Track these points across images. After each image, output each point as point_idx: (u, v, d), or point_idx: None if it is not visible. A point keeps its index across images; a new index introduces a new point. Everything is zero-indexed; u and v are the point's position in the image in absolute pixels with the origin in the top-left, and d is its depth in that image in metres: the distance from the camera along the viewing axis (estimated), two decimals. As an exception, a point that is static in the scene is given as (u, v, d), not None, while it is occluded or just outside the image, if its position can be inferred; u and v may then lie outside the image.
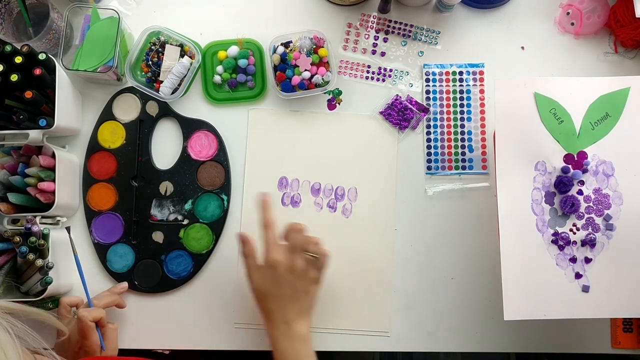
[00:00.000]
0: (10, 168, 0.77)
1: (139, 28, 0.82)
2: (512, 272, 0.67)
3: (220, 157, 0.83)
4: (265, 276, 0.72)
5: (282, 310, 0.71)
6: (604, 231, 0.69)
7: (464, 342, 0.81)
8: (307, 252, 0.71)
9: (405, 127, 0.84)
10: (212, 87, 0.84)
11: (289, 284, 0.71)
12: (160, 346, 0.83)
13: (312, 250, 0.72)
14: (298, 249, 0.71)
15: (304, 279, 0.71)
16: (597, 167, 0.69)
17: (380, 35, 0.86)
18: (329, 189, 0.84)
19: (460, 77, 0.85)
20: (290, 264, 0.71)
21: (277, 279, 0.71)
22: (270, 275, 0.71)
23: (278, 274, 0.71)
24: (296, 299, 0.71)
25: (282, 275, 0.70)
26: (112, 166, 0.83)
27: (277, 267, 0.70)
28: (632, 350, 0.81)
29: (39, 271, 0.72)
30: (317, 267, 0.73)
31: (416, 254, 0.82)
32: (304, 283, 0.71)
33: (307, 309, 0.72)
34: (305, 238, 0.72)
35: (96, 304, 0.76)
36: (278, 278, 0.71)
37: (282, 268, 0.70)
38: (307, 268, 0.72)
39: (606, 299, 0.67)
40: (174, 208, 0.83)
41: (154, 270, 0.82)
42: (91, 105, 0.84)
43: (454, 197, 0.83)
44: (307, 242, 0.72)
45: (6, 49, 0.72)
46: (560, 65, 0.85)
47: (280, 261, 0.71)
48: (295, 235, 0.72)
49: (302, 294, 0.71)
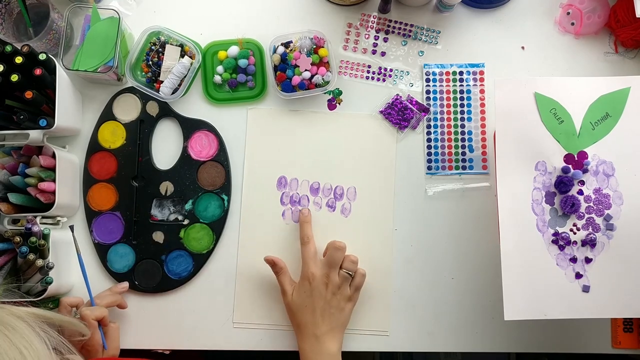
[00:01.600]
0: (11, 168, 0.77)
1: (139, 28, 0.82)
2: (512, 272, 0.67)
3: (221, 157, 0.83)
4: (300, 289, 0.74)
5: (313, 324, 0.73)
6: (605, 231, 0.69)
7: (464, 342, 0.82)
8: (344, 269, 0.74)
9: (405, 127, 0.84)
10: (212, 87, 0.84)
11: (323, 297, 0.73)
12: (161, 346, 0.83)
13: (348, 268, 0.74)
14: (335, 265, 0.74)
15: (338, 295, 0.74)
16: (597, 167, 0.69)
17: (380, 35, 0.86)
18: (328, 189, 0.84)
19: (461, 77, 0.85)
20: (325, 278, 0.73)
21: (311, 292, 0.73)
22: (306, 288, 0.74)
23: (313, 287, 0.73)
24: (329, 314, 0.73)
25: (317, 289, 0.73)
26: (112, 166, 0.83)
27: (312, 280, 0.73)
28: (632, 350, 0.81)
29: (39, 271, 0.72)
30: (353, 285, 0.75)
31: (416, 253, 0.82)
32: (338, 299, 0.74)
33: (339, 326, 0.74)
34: (344, 256, 0.75)
35: (98, 303, 0.76)
36: (312, 291, 0.73)
37: (317, 281, 0.73)
38: (342, 284, 0.74)
39: (606, 299, 0.67)
40: (174, 208, 0.83)
41: (155, 270, 0.82)
42: (91, 106, 0.84)
43: (454, 197, 0.83)
44: (345, 260, 0.75)
45: (6, 49, 0.72)
46: (561, 65, 0.85)
47: (316, 275, 0.73)
48: (335, 252, 0.74)
49: (335, 310, 0.73)
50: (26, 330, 0.48)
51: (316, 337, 0.72)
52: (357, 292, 0.76)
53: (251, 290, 0.82)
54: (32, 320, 0.50)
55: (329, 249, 0.75)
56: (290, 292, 0.75)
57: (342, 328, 0.75)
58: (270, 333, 0.82)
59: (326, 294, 0.73)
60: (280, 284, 0.76)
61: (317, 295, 0.73)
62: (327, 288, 0.73)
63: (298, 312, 0.74)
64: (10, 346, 0.45)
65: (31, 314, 0.51)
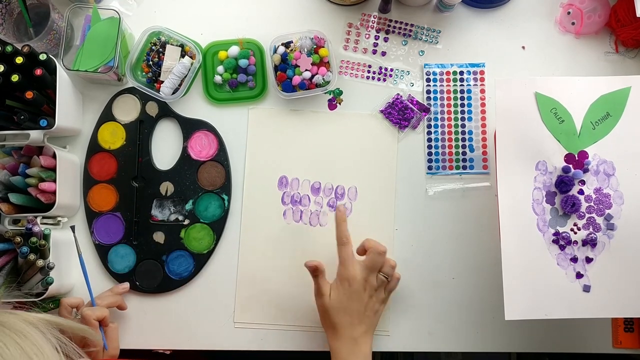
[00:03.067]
0: (11, 168, 0.77)
1: (139, 28, 0.82)
2: (513, 272, 0.67)
3: (221, 157, 0.83)
4: (339, 290, 0.73)
5: (351, 327, 0.72)
6: (605, 231, 0.69)
7: (464, 342, 0.81)
8: (382, 273, 0.74)
9: (405, 127, 0.84)
10: (212, 87, 0.84)
11: (361, 300, 0.73)
12: (162, 346, 0.83)
13: (387, 272, 0.74)
14: (375, 270, 0.73)
15: (374, 298, 0.74)
16: (598, 166, 0.69)
17: (380, 35, 0.86)
18: (329, 188, 0.84)
19: (461, 76, 0.85)
20: (364, 281, 0.73)
21: (350, 294, 0.72)
22: (345, 290, 0.73)
23: (353, 289, 0.72)
24: (365, 317, 0.73)
25: (357, 291, 0.72)
26: (112, 167, 0.83)
27: (353, 282, 0.72)
28: (633, 350, 0.81)
29: (39, 272, 0.72)
30: (388, 289, 0.76)
31: (417, 253, 0.82)
32: (374, 301, 0.74)
33: (372, 328, 0.74)
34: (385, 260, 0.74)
35: (99, 303, 0.76)
36: (352, 293, 0.72)
37: (357, 284, 0.72)
38: (380, 288, 0.74)
39: (607, 298, 0.67)
40: (174, 208, 0.83)
41: (155, 270, 0.82)
42: (92, 106, 0.84)
43: (454, 197, 0.83)
44: (385, 264, 0.74)
45: (7, 50, 0.72)
46: (561, 64, 0.85)
47: (356, 277, 0.73)
48: (377, 256, 0.73)
49: (370, 313, 0.73)
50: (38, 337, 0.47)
51: (354, 339, 0.72)
52: (389, 295, 0.76)
53: (252, 290, 0.82)
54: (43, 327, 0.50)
55: (371, 252, 0.73)
56: (328, 293, 0.74)
57: (374, 329, 0.75)
58: (272, 333, 0.82)
59: (364, 296, 0.73)
60: (318, 285, 0.74)
61: (356, 297, 0.72)
62: (365, 291, 0.73)
63: (336, 314, 0.73)
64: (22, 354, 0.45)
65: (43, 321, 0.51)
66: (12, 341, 0.45)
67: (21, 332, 0.47)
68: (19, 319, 0.48)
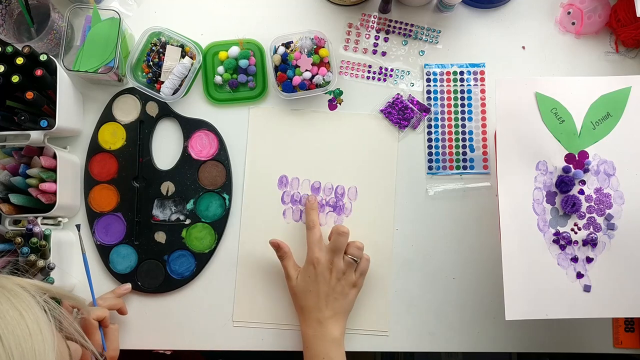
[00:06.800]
0: (12, 169, 0.77)
1: (139, 29, 0.82)
2: (513, 272, 0.67)
3: (221, 156, 0.83)
4: (304, 274, 0.75)
5: (317, 309, 0.73)
6: (606, 231, 0.69)
7: (465, 342, 0.82)
8: (349, 255, 0.75)
9: (405, 126, 0.84)
10: (212, 87, 0.84)
11: (327, 282, 0.74)
12: (162, 346, 0.83)
13: (353, 254, 0.75)
14: (339, 250, 0.74)
15: (343, 281, 0.74)
16: (598, 166, 0.69)
17: (380, 35, 0.86)
18: (329, 188, 0.84)
19: (461, 77, 0.85)
20: (330, 264, 0.74)
21: (316, 277, 0.74)
22: (310, 273, 0.74)
23: (317, 271, 0.74)
24: (333, 299, 0.74)
25: (321, 273, 0.74)
26: (113, 167, 0.83)
27: (317, 265, 0.74)
28: (633, 349, 0.81)
29: (40, 272, 0.72)
30: (358, 271, 0.76)
31: (417, 253, 0.82)
32: (342, 284, 0.74)
33: (343, 312, 0.75)
34: (347, 241, 0.75)
35: (100, 304, 0.76)
36: (317, 276, 0.74)
37: (321, 266, 0.74)
38: (347, 270, 0.75)
39: (608, 298, 0.67)
40: (175, 208, 0.83)
41: (157, 270, 0.82)
42: (92, 106, 0.84)
43: (455, 197, 0.83)
44: (350, 245, 0.75)
45: (7, 50, 0.72)
46: (561, 64, 0.85)
47: (320, 259, 0.74)
48: (339, 237, 0.74)
49: (339, 295, 0.74)
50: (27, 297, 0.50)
51: (319, 321, 0.73)
52: (362, 277, 0.77)
53: (252, 289, 0.82)
54: (33, 290, 0.52)
55: (333, 234, 0.76)
56: (295, 276, 0.76)
57: (345, 314, 0.75)
58: (271, 333, 0.82)
59: (330, 279, 0.74)
60: (285, 268, 0.77)
61: (322, 280, 0.73)
62: (331, 273, 0.74)
63: (302, 296, 0.75)
64: (11, 307, 0.47)
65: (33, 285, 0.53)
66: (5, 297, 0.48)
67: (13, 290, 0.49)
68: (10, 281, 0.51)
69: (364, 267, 0.77)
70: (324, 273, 0.74)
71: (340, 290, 0.74)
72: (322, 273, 0.74)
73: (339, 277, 0.74)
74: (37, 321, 0.48)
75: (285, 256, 0.77)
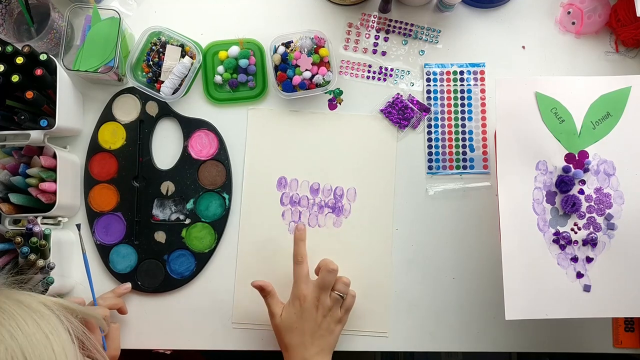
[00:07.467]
0: (12, 168, 0.77)
1: (139, 28, 0.82)
2: (513, 272, 0.67)
3: (221, 156, 0.83)
4: (290, 310, 0.73)
5: (303, 346, 0.71)
6: (605, 230, 0.69)
7: (465, 342, 0.82)
8: (335, 291, 0.74)
9: (405, 126, 0.84)
10: (212, 87, 0.84)
11: (313, 319, 0.72)
12: (162, 346, 0.83)
13: (340, 290, 0.74)
14: (327, 288, 0.73)
15: (329, 317, 0.73)
16: (598, 166, 0.69)
17: (380, 35, 0.86)
18: (328, 189, 0.84)
19: (461, 76, 0.85)
20: (316, 300, 0.72)
21: (301, 313, 0.72)
22: (296, 309, 0.73)
23: (304, 308, 0.72)
24: (318, 336, 0.72)
25: (307, 310, 0.72)
26: (113, 167, 0.83)
27: (303, 301, 0.72)
28: (633, 349, 0.81)
29: (40, 272, 0.72)
30: (344, 307, 0.75)
31: (417, 254, 0.82)
32: (328, 321, 0.73)
33: (329, 348, 0.73)
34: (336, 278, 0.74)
35: (100, 303, 0.76)
36: (303, 312, 0.72)
37: (308, 303, 0.72)
38: (333, 307, 0.73)
39: (608, 298, 0.67)
40: (175, 208, 0.83)
41: (157, 270, 0.82)
42: (92, 106, 0.84)
43: (455, 196, 0.83)
44: (337, 281, 0.74)
45: (7, 50, 0.72)
46: (561, 64, 0.85)
47: (307, 296, 0.72)
48: (327, 275, 0.73)
49: (324, 332, 0.73)
50: (53, 318, 0.50)
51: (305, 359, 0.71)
52: (347, 314, 0.75)
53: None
54: (57, 309, 0.52)
55: (322, 270, 0.73)
56: (279, 313, 0.74)
57: (330, 350, 0.74)
58: (271, 333, 0.81)
59: (317, 316, 0.72)
60: (269, 306, 0.75)
61: (308, 317, 0.72)
62: (317, 310, 0.72)
63: (287, 334, 0.72)
64: (38, 329, 0.47)
65: (57, 304, 0.53)
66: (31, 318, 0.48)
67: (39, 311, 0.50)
68: (35, 300, 0.51)
69: (349, 303, 0.75)
70: (310, 310, 0.72)
71: (326, 327, 0.72)
72: (308, 309, 0.72)
73: (324, 314, 0.72)
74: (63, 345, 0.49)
75: (269, 295, 0.75)
